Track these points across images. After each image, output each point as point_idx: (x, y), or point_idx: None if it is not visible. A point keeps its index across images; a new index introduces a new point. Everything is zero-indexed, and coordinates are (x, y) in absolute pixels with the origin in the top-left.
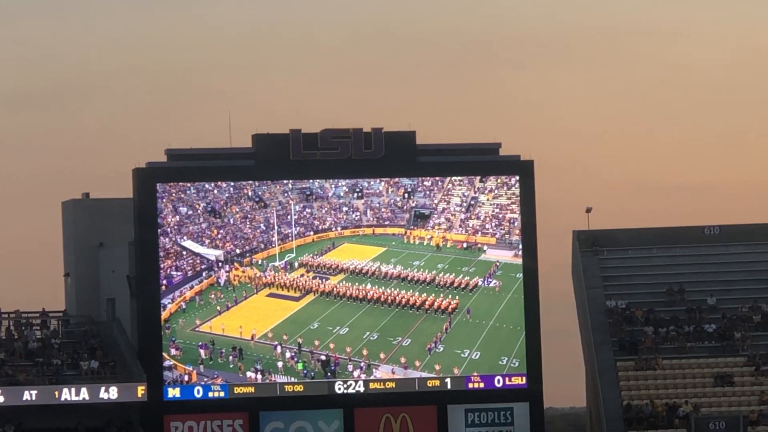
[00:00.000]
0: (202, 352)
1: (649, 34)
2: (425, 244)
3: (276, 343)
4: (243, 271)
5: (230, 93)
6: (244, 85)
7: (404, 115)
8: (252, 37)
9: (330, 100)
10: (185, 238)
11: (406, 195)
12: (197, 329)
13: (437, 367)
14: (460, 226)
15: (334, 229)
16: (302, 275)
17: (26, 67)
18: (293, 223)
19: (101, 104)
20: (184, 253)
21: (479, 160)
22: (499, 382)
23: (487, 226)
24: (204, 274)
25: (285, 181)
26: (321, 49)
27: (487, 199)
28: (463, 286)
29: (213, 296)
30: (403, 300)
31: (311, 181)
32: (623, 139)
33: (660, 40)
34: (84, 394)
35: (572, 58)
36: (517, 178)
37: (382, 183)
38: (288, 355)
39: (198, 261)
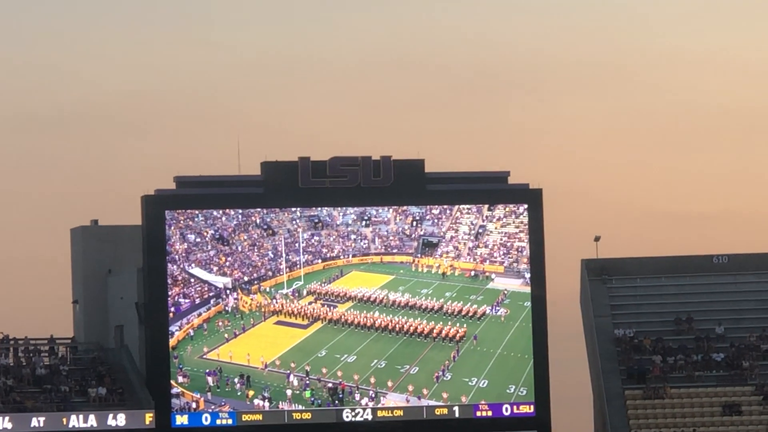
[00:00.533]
0: (209, 379)
1: (658, 62)
2: (433, 272)
3: (287, 371)
4: (251, 299)
5: (239, 120)
6: (253, 112)
7: (413, 143)
8: (261, 65)
9: (339, 127)
10: (193, 265)
11: (414, 223)
12: (205, 356)
13: (445, 395)
14: (468, 254)
15: (342, 257)
16: (310, 303)
17: (34, 92)
18: (301, 250)
19: (110, 131)
20: (192, 280)
21: (488, 189)
22: (507, 410)
23: (495, 254)
24: (212, 301)
25: (293, 209)
26: (330, 76)
27: (496, 228)
28: (470, 314)
29: (221, 323)
30: (411, 328)
31: (319, 208)
32: (632, 168)
33: (669, 68)
34: (92, 421)
35: (581, 86)
36: (526, 206)
37: (390, 211)
38: (296, 382)
39: (206, 288)
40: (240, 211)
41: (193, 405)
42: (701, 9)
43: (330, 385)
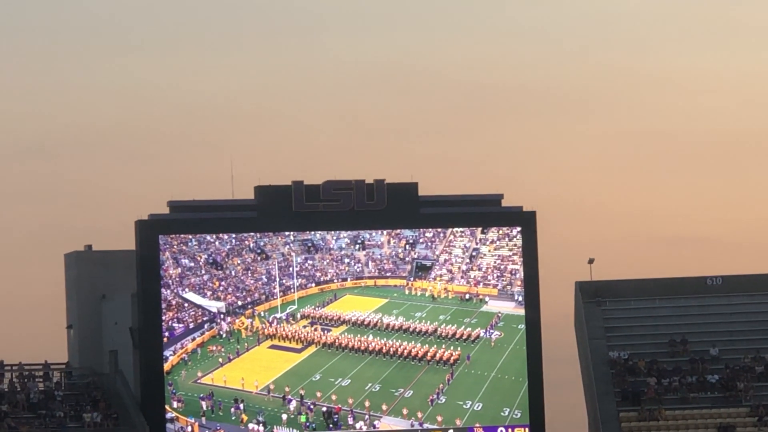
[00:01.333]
0: (203, 404)
1: (651, 85)
2: (427, 295)
3: (286, 395)
4: (246, 324)
5: (232, 144)
6: (247, 136)
7: (406, 167)
8: (253, 89)
9: (332, 151)
10: (187, 290)
11: (408, 246)
12: (199, 381)
13: (439, 419)
14: (462, 277)
15: (335, 280)
16: (304, 327)
17: (27, 119)
18: (295, 274)
19: (103, 156)
20: (186, 305)
21: (481, 212)
22: None
23: (488, 277)
24: (206, 326)
25: (287, 233)
26: (322, 100)
27: (489, 251)
28: (465, 337)
29: (214, 348)
30: (405, 351)
31: (313, 233)
32: (626, 190)
33: (662, 92)
34: None
35: (575, 109)
36: (519, 229)
37: (384, 234)
38: (293, 407)
39: (200, 313)
40: (233, 235)
41: (188, 429)
42: (692, 32)
43: (325, 409)
